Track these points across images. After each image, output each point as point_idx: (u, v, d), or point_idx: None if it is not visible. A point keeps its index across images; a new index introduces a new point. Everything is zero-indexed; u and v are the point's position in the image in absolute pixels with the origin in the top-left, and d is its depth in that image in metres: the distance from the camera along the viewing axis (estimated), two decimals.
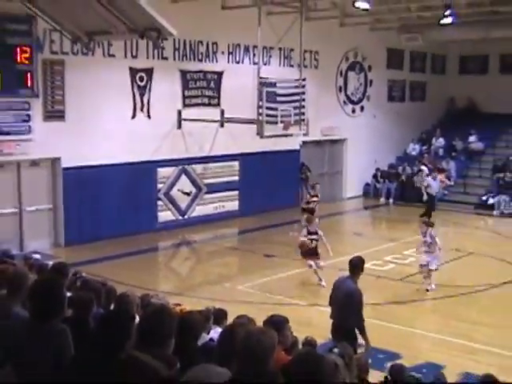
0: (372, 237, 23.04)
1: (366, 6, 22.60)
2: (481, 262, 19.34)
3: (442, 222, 25.21)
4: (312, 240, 16.49)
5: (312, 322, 11.51)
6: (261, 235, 22.16)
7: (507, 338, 12.86)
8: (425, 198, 25.23)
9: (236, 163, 24.34)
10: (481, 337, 12.94)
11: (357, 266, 10.20)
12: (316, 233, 16.67)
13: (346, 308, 10.03)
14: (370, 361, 8.91)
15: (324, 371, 4.25)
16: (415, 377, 8.08)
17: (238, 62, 24.07)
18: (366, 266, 17.21)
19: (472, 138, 31.51)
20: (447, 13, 23.07)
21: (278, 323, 6.62)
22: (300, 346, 8.19)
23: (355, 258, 10.46)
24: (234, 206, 24.40)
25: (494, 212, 26.98)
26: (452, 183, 29.66)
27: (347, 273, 10.42)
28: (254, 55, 23.47)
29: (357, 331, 10.13)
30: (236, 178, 24.41)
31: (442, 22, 24.28)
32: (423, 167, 29.43)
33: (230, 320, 8.11)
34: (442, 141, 31.86)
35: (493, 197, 27.58)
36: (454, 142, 31.82)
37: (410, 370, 10.25)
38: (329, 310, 10.63)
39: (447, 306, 14.99)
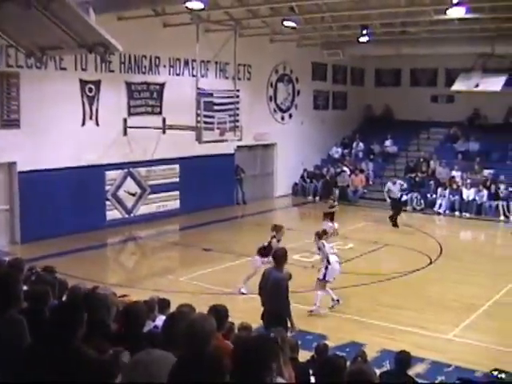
0: (301, 231, 23.15)
1: (293, 24, 22.75)
2: (396, 252, 19.69)
3: (363, 217, 25.59)
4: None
5: (245, 309, 11.53)
6: (200, 231, 22.11)
7: (419, 319, 13.11)
8: (388, 201, 25.35)
9: (177, 166, 24.22)
10: (396, 318, 13.16)
11: (281, 257, 10.22)
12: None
13: (275, 295, 10.06)
14: (299, 342, 8.97)
15: (266, 349, 4.28)
16: (338, 355, 8.17)
17: (178, 75, 23.95)
18: (295, 257, 17.60)
19: (388, 142, 32.01)
20: (364, 32, 23.40)
21: (219, 311, 6.68)
22: (236, 331, 8.22)
23: (279, 250, 10.50)
24: (175, 205, 24.28)
25: (408, 208, 27.43)
26: (371, 182, 30.11)
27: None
28: (193, 68, 23.36)
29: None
30: (177, 179, 24.28)
31: (360, 39, 24.62)
32: (345, 168, 29.84)
33: (173, 309, 8.06)
34: (361, 145, 32.29)
35: (406, 194, 28.02)
36: (372, 145, 32.28)
37: (335, 350, 10.41)
38: (259, 298, 10.63)
39: (368, 292, 15.19)
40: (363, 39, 24.51)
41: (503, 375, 9.33)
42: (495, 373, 9.41)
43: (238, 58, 22.25)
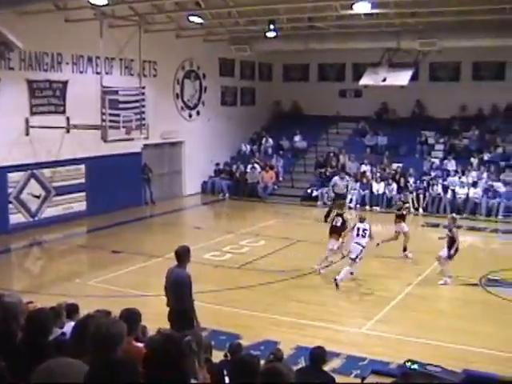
0: (211, 230, 23.17)
1: (199, 20, 22.70)
2: (307, 247, 19.89)
3: (274, 214, 25.79)
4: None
5: (157, 311, 11.41)
6: (108, 233, 21.79)
7: (331, 314, 13.31)
8: (331, 195, 25.54)
9: (82, 166, 23.73)
10: (309, 313, 13.32)
11: (183, 255, 10.12)
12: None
13: (179, 294, 9.99)
14: (212, 342, 8.96)
15: (182, 351, 4.25)
16: (251, 354, 8.19)
17: (81, 72, 23.46)
18: (206, 256, 17.58)
19: (297, 138, 32.37)
20: (271, 27, 23.57)
21: (130, 315, 6.57)
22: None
23: (180, 248, 10.30)
24: (81, 206, 23.80)
25: (318, 203, 27.82)
26: (281, 179, 30.38)
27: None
28: (97, 65, 22.94)
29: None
30: (83, 180, 23.82)
31: (268, 34, 24.77)
32: (256, 165, 29.99)
33: (83, 314, 7.90)
34: (270, 141, 32.51)
35: (316, 189, 28.43)
36: (281, 141, 32.56)
37: (249, 348, 10.45)
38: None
39: (281, 289, 15.30)
40: (270, 34, 24.67)
41: (416, 366, 9.57)
42: (408, 364, 9.64)
43: (144, 55, 22.05)
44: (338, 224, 17.14)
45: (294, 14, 23.90)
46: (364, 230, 16.06)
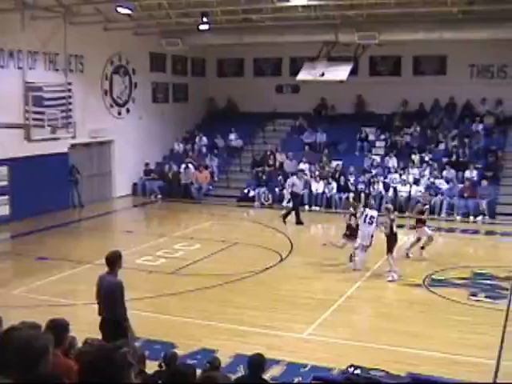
0: (143, 233, 23.01)
1: (127, 11, 22.49)
2: (245, 250, 19.93)
3: (209, 215, 25.73)
4: None
5: (87, 321, 11.25)
6: (34, 239, 21.36)
7: (272, 319, 13.33)
8: (288, 196, 25.58)
9: (4, 168, 23.24)
10: (248, 319, 13.32)
11: (114, 261, 9.99)
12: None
13: (111, 302, 9.86)
14: (146, 352, 8.87)
15: (115, 364, 4.18)
16: (187, 364, 8.15)
17: (2, 67, 22.89)
18: (138, 261, 17.44)
19: (232, 136, 32.37)
20: (204, 19, 23.54)
21: (57, 326, 6.43)
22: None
23: (111, 253, 10.16)
24: (4, 211, 23.30)
25: (255, 204, 27.90)
26: (216, 179, 30.35)
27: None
28: (19, 60, 22.51)
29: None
30: (5, 183, 23.33)
31: (200, 27, 24.73)
32: (189, 165, 29.87)
33: (7, 326, 7.71)
34: (204, 139, 32.44)
35: (253, 189, 28.50)
36: (215, 139, 32.51)
37: (186, 358, 10.39)
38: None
39: (218, 294, 15.26)
40: (203, 27, 24.66)
41: (359, 371, 9.66)
42: (351, 369, 9.73)
43: (69, 48, 21.80)
44: (353, 224, 17.67)
45: (227, 6, 23.91)
46: (371, 217, 17.13)
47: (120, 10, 22.43)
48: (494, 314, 13.91)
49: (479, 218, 25.17)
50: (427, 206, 20.18)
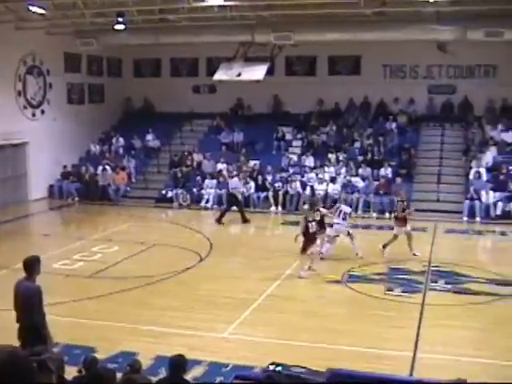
0: (60, 237, 22.56)
1: (40, 10, 22.01)
2: (165, 251, 19.80)
3: (127, 217, 25.45)
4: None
5: (4, 327, 10.94)
6: None
7: (193, 320, 13.26)
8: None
9: None
10: (168, 321, 13.22)
11: (32, 265, 9.75)
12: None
13: (29, 308, 9.63)
14: (65, 358, 8.69)
15: (31, 370, 4.05)
16: (107, 367, 8.03)
17: None
18: (55, 266, 17.09)
19: (149, 137, 32.12)
20: (120, 19, 23.25)
21: None
22: None
23: (29, 258, 9.91)
24: None
25: (173, 204, 27.76)
26: (133, 180, 30.05)
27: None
28: None
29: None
30: None
31: (116, 27, 24.42)
32: (106, 166, 29.47)
33: None
34: (121, 140, 32.08)
35: (171, 190, 28.34)
36: (132, 140, 32.20)
37: (106, 361, 10.24)
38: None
39: (137, 296, 15.10)
40: (119, 27, 24.34)
41: (280, 368, 9.69)
42: (272, 367, 9.75)
43: None
44: (313, 229, 17.11)
45: (143, 6, 23.68)
46: (345, 213, 18.32)
47: (32, 8, 21.92)
48: (410, 308, 14.23)
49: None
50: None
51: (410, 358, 11.24)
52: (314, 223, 16.98)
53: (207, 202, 27.59)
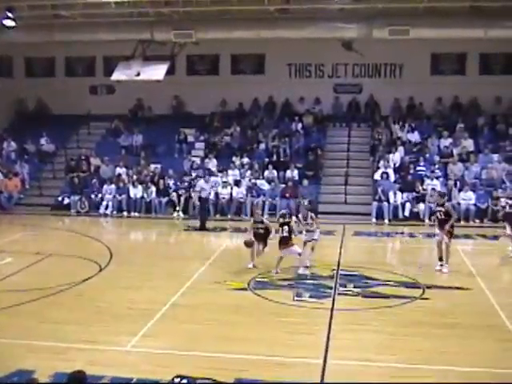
0: None
1: None
2: (62, 261, 19.45)
3: (20, 226, 24.92)
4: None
5: None
6: None
7: (92, 333, 13.06)
8: (197, 203, 24.89)
9: None
10: (68, 335, 12.99)
11: None
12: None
13: None
14: None
15: None
16: None
17: None
18: None
19: (43, 140, 31.57)
20: (10, 15, 22.77)
21: None
22: None
23: None
24: None
25: (71, 211, 27.34)
26: (27, 186, 29.44)
27: None
28: None
29: None
30: None
31: (5, 23, 23.89)
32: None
33: None
34: (13, 144, 31.38)
35: (68, 197, 27.90)
36: (25, 144, 31.57)
37: (1, 381, 9.99)
38: None
39: (33, 310, 14.77)
40: (9, 23, 23.82)
41: (185, 381, 9.71)
42: (177, 380, 9.75)
43: None
44: (285, 234, 17.71)
45: (35, 1, 23.27)
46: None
47: None
48: (320, 314, 14.42)
49: None
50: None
51: (320, 364, 11.38)
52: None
53: (106, 208, 27.30)
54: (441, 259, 17.99)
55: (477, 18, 24.69)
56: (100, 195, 27.81)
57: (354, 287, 16.54)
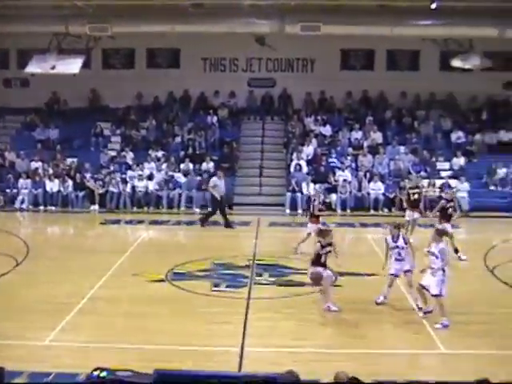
0: None
1: None
2: None
3: None
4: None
5: None
6: None
7: (10, 328, 12.67)
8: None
9: None
10: None
11: None
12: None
13: None
14: None
15: None
16: None
17: None
18: None
19: None
20: None
21: None
22: None
23: None
24: None
25: None
26: None
27: None
28: None
29: None
30: None
31: None
32: None
33: None
34: None
35: None
36: None
37: None
38: None
39: None
40: None
41: (105, 373, 9.57)
42: (96, 372, 9.61)
43: None
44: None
45: None
46: None
47: None
48: (237, 303, 14.47)
49: None
50: (451, 204, 19.25)
51: (237, 353, 11.43)
52: None
53: (22, 202, 26.70)
54: None
55: (384, 16, 25.17)
56: (16, 190, 27.17)
57: (270, 276, 16.68)
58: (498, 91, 31.42)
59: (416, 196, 20.85)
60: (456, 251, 18.31)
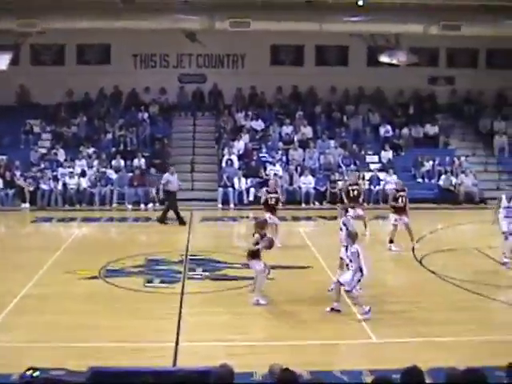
0: None
1: None
2: None
3: None
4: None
5: None
6: None
7: None
8: (161, 196, 23.90)
9: None
10: None
11: None
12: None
13: None
14: None
15: None
16: None
17: None
18: None
19: None
20: None
21: None
22: None
23: None
24: None
25: None
26: None
27: None
28: None
29: None
30: None
31: None
32: None
33: None
34: None
35: None
36: None
37: None
38: None
39: None
40: None
41: (38, 373, 9.46)
42: (29, 372, 9.48)
43: None
44: None
45: None
46: None
47: None
48: (170, 298, 14.46)
49: (150, 205, 25.97)
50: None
51: (172, 348, 11.43)
52: None
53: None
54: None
55: (313, 13, 25.38)
56: None
57: (203, 271, 16.73)
58: (423, 86, 32.16)
59: (355, 192, 21.12)
60: (391, 241, 18.90)
